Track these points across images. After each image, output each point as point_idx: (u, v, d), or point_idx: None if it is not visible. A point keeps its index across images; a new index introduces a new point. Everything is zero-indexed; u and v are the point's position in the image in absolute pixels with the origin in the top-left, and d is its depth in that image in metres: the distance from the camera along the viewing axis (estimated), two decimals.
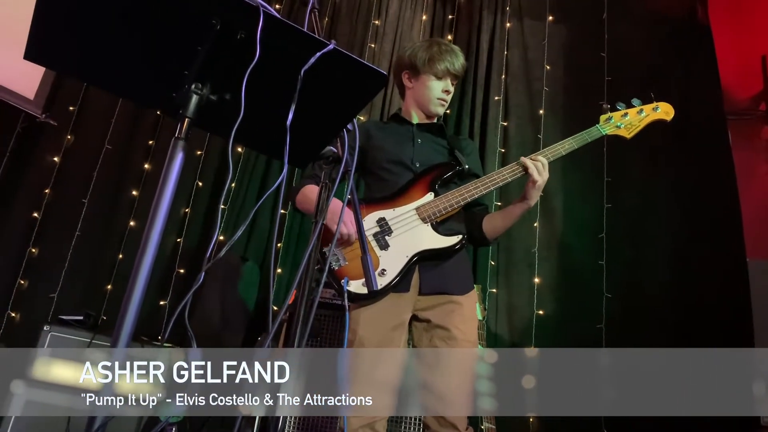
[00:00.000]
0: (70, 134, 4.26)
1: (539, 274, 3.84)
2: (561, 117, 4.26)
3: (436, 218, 2.22)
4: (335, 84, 1.24)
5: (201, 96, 1.24)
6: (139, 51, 1.21)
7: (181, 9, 1.12)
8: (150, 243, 1.16)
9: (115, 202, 4.13)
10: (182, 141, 1.20)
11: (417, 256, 2.17)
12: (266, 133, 1.31)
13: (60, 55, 1.22)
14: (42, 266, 3.94)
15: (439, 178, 2.30)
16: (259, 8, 1.11)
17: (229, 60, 1.20)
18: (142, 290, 1.11)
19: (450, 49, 2.45)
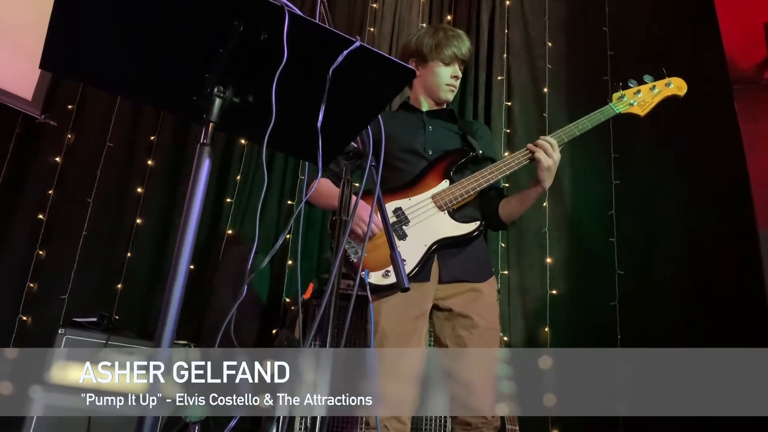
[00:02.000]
0: (70, 133, 4.21)
1: (551, 254, 3.83)
2: (565, 94, 4.22)
3: (453, 205, 2.20)
4: (361, 81, 1.21)
5: (224, 99, 1.20)
6: (159, 56, 1.18)
7: (203, 12, 1.09)
8: (184, 248, 1.19)
9: (121, 200, 4.10)
10: (207, 146, 1.17)
11: (436, 245, 2.16)
12: (291, 134, 1.28)
13: (77, 64, 1.19)
14: (51, 268, 3.91)
15: (454, 164, 2.29)
16: (283, 8, 1.07)
17: (252, 61, 1.17)
18: (180, 295, 1.13)
19: (456, 34, 2.43)
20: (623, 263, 3.69)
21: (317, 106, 1.20)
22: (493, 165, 2.24)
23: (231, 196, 4.08)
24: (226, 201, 4.06)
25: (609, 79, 4.14)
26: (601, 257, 3.73)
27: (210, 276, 3.87)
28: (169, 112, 3.84)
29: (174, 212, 4.05)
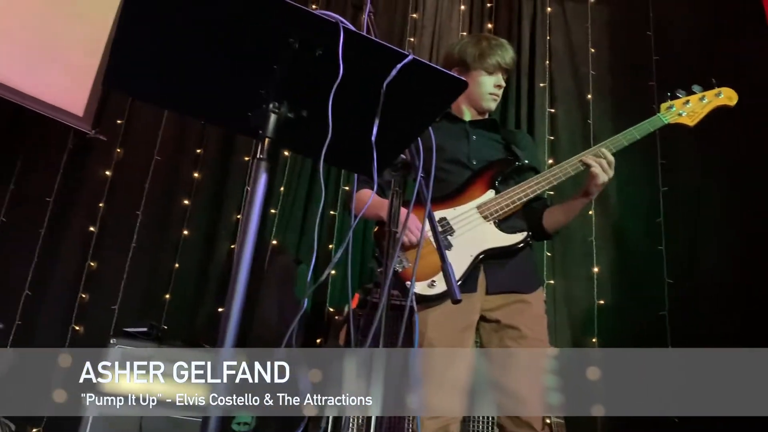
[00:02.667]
0: (119, 148, 4.32)
1: (598, 263, 3.77)
2: (610, 100, 4.18)
3: (499, 216, 2.18)
4: (413, 93, 1.21)
5: (279, 115, 1.22)
6: (216, 74, 1.20)
7: (259, 30, 1.11)
8: (243, 260, 1.20)
9: (168, 212, 4.18)
10: (265, 161, 1.19)
11: (482, 255, 2.14)
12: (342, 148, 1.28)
13: (138, 83, 1.22)
14: (101, 279, 4.01)
15: (499, 174, 2.26)
16: (338, 24, 1.08)
17: (306, 77, 1.18)
18: (240, 307, 1.13)
19: (499, 43, 2.41)
20: (672, 272, 3.62)
21: (369, 119, 1.21)
22: (540, 175, 2.21)
23: (275, 207, 4.13)
24: (270, 212, 4.11)
25: (654, 84, 4.08)
26: (649, 266, 3.66)
27: (255, 286, 3.92)
28: (223, 127, 3.91)
29: (220, 224, 4.11)
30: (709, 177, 3.74)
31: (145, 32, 1.11)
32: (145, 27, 1.10)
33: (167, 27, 1.11)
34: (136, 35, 1.12)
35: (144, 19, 1.09)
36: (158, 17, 1.09)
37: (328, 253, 4.01)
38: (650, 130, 2.27)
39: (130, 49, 1.14)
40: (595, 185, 2.11)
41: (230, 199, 4.19)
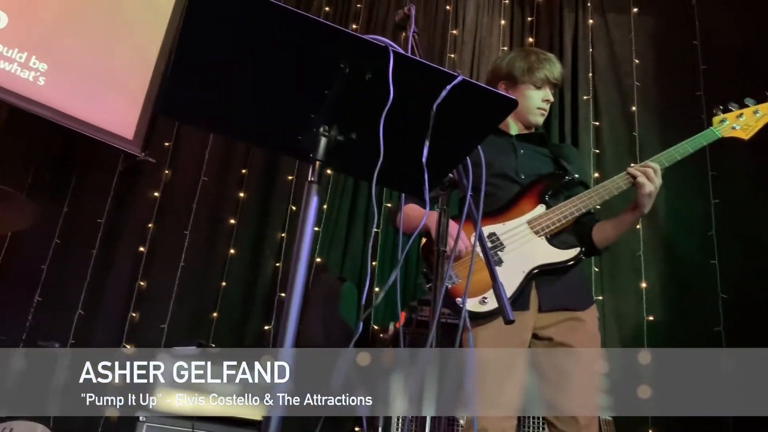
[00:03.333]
0: (167, 169, 4.43)
1: (646, 278, 3.69)
2: (656, 111, 4.11)
3: (551, 231, 2.15)
4: (463, 113, 1.21)
5: (329, 138, 1.23)
6: (268, 100, 1.23)
7: (311, 56, 1.13)
8: (296, 282, 1.20)
9: (215, 232, 4.25)
10: (316, 184, 1.20)
11: (535, 271, 2.10)
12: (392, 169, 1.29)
13: (192, 110, 1.25)
14: (151, 298, 4.09)
15: (549, 189, 2.23)
16: (388, 49, 1.09)
17: (356, 100, 1.20)
18: (295, 325, 1.16)
19: (548, 57, 2.39)
20: (727, 286, 3.52)
21: (419, 140, 1.21)
22: (592, 190, 2.18)
23: (318, 225, 4.16)
24: (314, 230, 4.13)
25: (702, 94, 3.99)
26: (701, 280, 3.57)
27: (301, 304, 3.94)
28: (273, 150, 3.97)
29: (265, 242, 4.17)
30: (762, 187, 3.63)
31: (200, 61, 1.15)
32: (201, 56, 1.14)
33: (222, 56, 1.14)
34: (192, 64, 1.15)
35: (199, 48, 1.12)
36: (213, 46, 1.12)
37: (372, 271, 4.02)
38: (703, 144, 2.22)
39: (184, 78, 1.18)
40: (642, 196, 2.08)
41: (274, 217, 4.25)
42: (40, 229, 3.87)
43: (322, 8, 4.83)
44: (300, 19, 1.06)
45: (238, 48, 1.12)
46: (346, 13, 4.82)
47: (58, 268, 4.20)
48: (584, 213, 2.21)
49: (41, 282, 4.15)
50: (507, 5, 4.62)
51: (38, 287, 4.12)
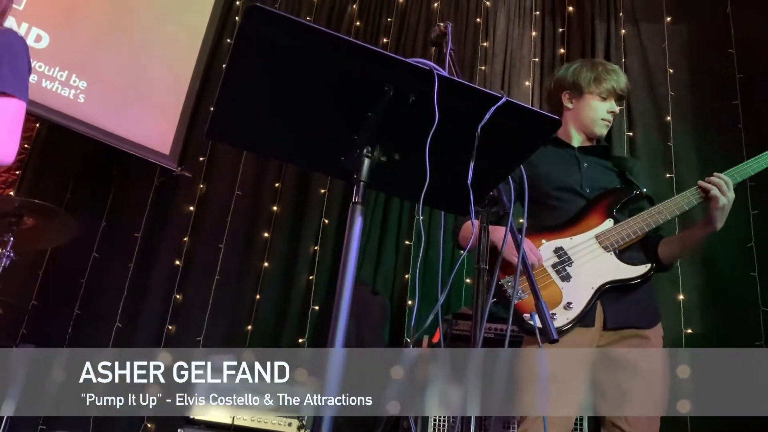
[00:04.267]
0: (202, 183, 4.50)
1: (684, 290, 3.62)
2: (691, 121, 4.05)
3: (620, 246, 2.08)
4: (507, 133, 1.22)
5: (372, 159, 1.25)
6: (313, 122, 1.25)
7: (357, 80, 1.14)
8: (343, 303, 1.26)
9: (249, 245, 4.30)
10: (360, 206, 1.22)
11: (606, 286, 2.04)
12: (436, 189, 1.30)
13: (239, 133, 1.28)
14: (187, 311, 4.15)
15: (617, 203, 2.17)
16: (432, 72, 1.11)
17: (399, 122, 1.21)
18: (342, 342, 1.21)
19: (614, 68, 2.35)
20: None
21: (462, 160, 1.22)
22: (661, 205, 2.11)
23: None
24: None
25: (739, 103, 3.93)
26: (741, 293, 3.50)
27: None
28: (315, 171, 4.00)
29: (298, 255, 4.20)
30: None
31: (247, 87, 1.17)
32: (248, 82, 1.16)
33: (268, 81, 1.16)
34: (239, 90, 1.18)
35: (247, 75, 1.15)
36: (260, 73, 1.14)
37: (404, 283, 4.02)
38: None
39: (232, 103, 1.20)
40: (715, 210, 2.02)
41: (308, 231, 4.27)
42: (79, 244, 3.95)
43: (353, 23, 4.87)
44: (346, 45, 1.09)
45: (284, 74, 1.14)
46: (376, 27, 4.86)
47: (96, 282, 4.29)
48: (653, 228, 2.16)
49: (80, 295, 4.24)
50: (538, 16, 4.61)
51: (78, 301, 4.21)
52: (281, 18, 1.04)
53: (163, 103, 4.37)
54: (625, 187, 2.22)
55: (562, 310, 2.01)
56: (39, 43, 3.94)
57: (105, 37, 4.23)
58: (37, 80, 3.86)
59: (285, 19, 1.04)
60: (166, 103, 4.38)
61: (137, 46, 4.34)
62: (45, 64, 3.92)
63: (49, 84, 3.91)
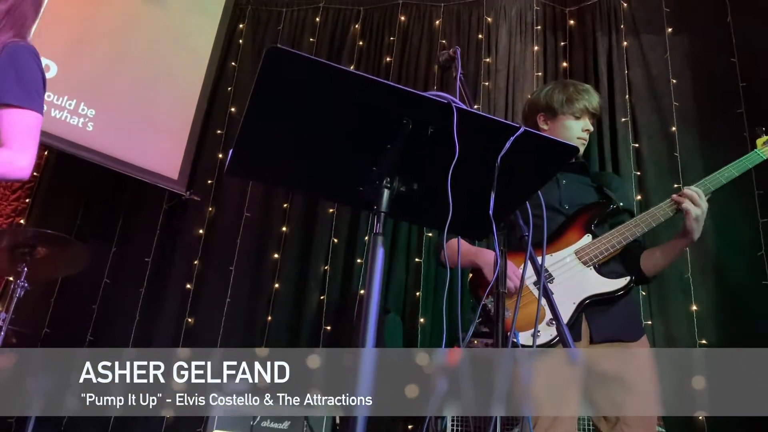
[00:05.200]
0: (211, 206, 4.53)
1: (696, 301, 3.62)
2: (697, 131, 4.06)
3: (599, 260, 2.15)
4: (524, 161, 1.23)
5: (391, 190, 1.27)
6: (333, 155, 1.27)
7: (376, 114, 1.16)
8: (369, 331, 1.23)
9: (259, 267, 4.32)
10: (381, 236, 1.23)
11: (586, 302, 2.10)
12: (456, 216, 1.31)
13: (260, 168, 1.30)
14: (199, 334, 4.16)
15: (595, 218, 2.24)
16: (450, 105, 1.13)
17: (418, 153, 1.23)
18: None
19: (585, 88, 2.41)
20: None
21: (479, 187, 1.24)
22: (638, 217, 2.18)
23: (361, 257, 4.19)
24: (356, 261, 4.18)
25: (743, 111, 3.95)
26: (754, 302, 3.49)
27: (347, 336, 3.97)
28: (333, 201, 4.03)
29: (309, 276, 4.21)
30: None
31: (268, 125, 1.20)
32: (269, 120, 1.18)
33: (289, 118, 1.18)
34: (260, 127, 1.20)
35: (268, 113, 1.17)
36: (281, 111, 1.16)
37: (416, 301, 4.02)
38: (749, 166, 2.21)
39: (253, 140, 1.22)
40: (690, 221, 2.07)
41: (317, 251, 4.29)
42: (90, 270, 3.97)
43: (356, 43, 4.91)
44: (365, 82, 1.11)
45: (304, 110, 1.17)
46: (379, 46, 4.90)
47: (108, 308, 4.31)
48: (631, 241, 2.20)
49: (93, 322, 4.26)
50: (539, 31, 4.64)
51: (90, 327, 4.23)
52: (301, 58, 1.06)
53: (171, 128, 4.40)
54: (602, 202, 2.27)
55: (546, 327, 2.06)
56: (48, 72, 3.96)
57: (112, 65, 4.27)
58: (47, 110, 3.90)
59: (305, 59, 1.06)
60: (174, 128, 4.41)
61: (144, 73, 4.38)
62: (54, 94, 3.96)
63: (58, 113, 3.94)
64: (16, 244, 3.09)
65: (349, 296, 4.11)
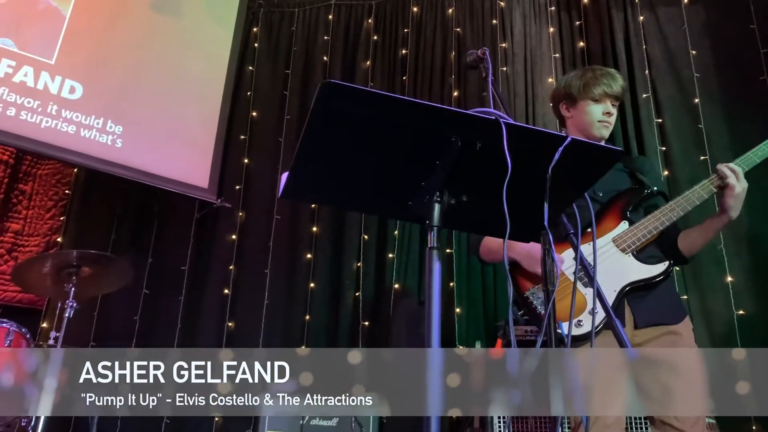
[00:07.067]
0: (241, 211, 4.60)
1: (731, 272, 3.63)
2: (720, 101, 4.04)
3: (637, 247, 2.16)
4: (570, 167, 1.26)
5: (442, 203, 1.31)
6: (383, 174, 1.31)
7: (426, 134, 1.20)
8: (433, 337, 1.27)
9: (294, 268, 4.39)
10: (437, 250, 1.28)
11: (627, 288, 2.12)
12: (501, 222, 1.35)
13: (313, 191, 1.35)
14: (240, 338, 4.25)
15: (630, 204, 2.25)
16: (498, 121, 1.16)
17: (467, 167, 1.27)
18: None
19: (605, 72, 2.40)
20: None
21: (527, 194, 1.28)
22: (673, 201, 2.18)
23: (392, 251, 4.24)
24: (388, 256, 4.23)
25: (766, 78, 3.93)
26: None
27: (384, 330, 4.04)
28: (385, 217, 4.06)
29: (342, 274, 4.27)
30: None
31: (321, 152, 1.24)
32: (322, 148, 1.23)
33: (341, 145, 1.23)
34: (314, 155, 1.25)
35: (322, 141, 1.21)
36: (334, 138, 1.21)
37: (450, 291, 4.06)
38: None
39: (307, 167, 1.27)
40: (730, 197, 2.07)
41: (349, 248, 4.34)
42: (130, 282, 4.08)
43: (371, 38, 4.93)
44: (414, 107, 1.15)
45: (356, 137, 1.21)
46: (393, 39, 4.92)
47: (149, 318, 4.41)
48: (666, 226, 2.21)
49: (135, 333, 4.36)
50: (553, 12, 4.62)
51: (134, 337, 4.34)
52: (353, 90, 1.10)
53: (197, 137, 4.47)
54: (636, 188, 2.28)
55: (587, 316, 2.08)
56: (73, 94, 4.07)
57: (134, 80, 4.34)
58: (76, 130, 3.99)
59: (356, 91, 1.11)
60: (200, 137, 4.48)
61: (165, 85, 4.45)
62: (81, 114, 4.04)
63: (87, 132, 4.02)
64: (61, 266, 3.18)
65: (383, 291, 4.17)
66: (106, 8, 4.37)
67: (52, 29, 4.11)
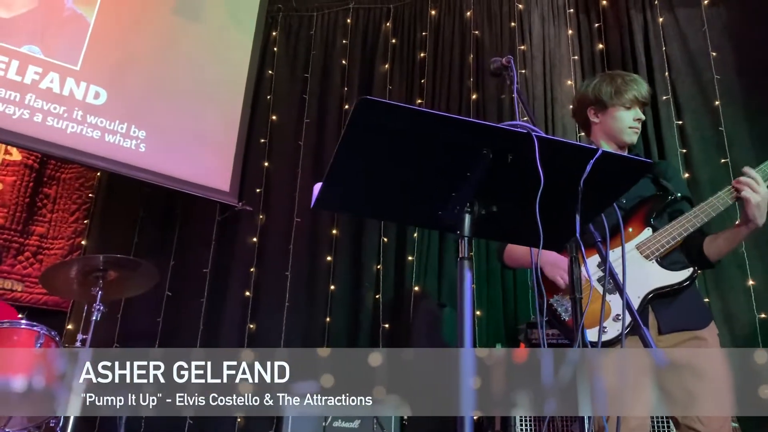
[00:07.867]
0: (261, 214, 4.65)
1: (752, 275, 3.62)
2: (741, 102, 4.02)
3: (661, 254, 2.17)
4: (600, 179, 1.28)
5: (472, 214, 1.34)
6: (415, 186, 1.34)
7: (458, 147, 1.23)
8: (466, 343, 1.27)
9: (314, 270, 4.43)
10: (468, 260, 1.31)
11: (651, 295, 2.14)
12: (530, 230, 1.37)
13: (346, 202, 1.39)
14: (261, 339, 4.30)
15: (653, 211, 2.25)
16: (531, 134, 1.19)
17: (497, 179, 1.29)
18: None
19: (633, 78, 2.41)
20: None
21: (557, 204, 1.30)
22: (697, 208, 2.18)
23: (411, 254, 4.26)
24: (408, 259, 4.26)
25: None
26: None
27: (404, 333, 4.07)
28: (416, 225, 4.08)
29: (362, 276, 4.30)
30: None
31: (356, 165, 1.27)
32: (357, 161, 1.26)
33: (376, 158, 1.26)
34: (348, 168, 1.28)
35: (356, 155, 1.25)
36: (369, 152, 1.24)
37: None
38: None
39: (341, 179, 1.30)
40: (750, 209, 2.07)
41: (368, 251, 4.38)
42: None
43: (389, 41, 4.96)
44: (447, 121, 1.18)
45: (391, 151, 1.24)
46: (412, 42, 4.94)
47: (172, 320, 4.47)
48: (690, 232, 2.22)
49: (158, 334, 4.43)
50: (572, 14, 4.62)
51: (157, 339, 4.40)
52: (389, 106, 1.13)
53: (219, 141, 4.53)
54: (660, 194, 2.27)
55: (612, 323, 2.10)
56: (98, 99, 4.13)
57: (157, 85, 4.41)
58: (101, 135, 4.05)
59: (392, 107, 1.14)
60: (221, 141, 4.54)
61: (188, 89, 4.51)
62: (106, 119, 4.10)
63: (111, 137, 4.09)
64: (87, 270, 3.24)
65: (403, 293, 4.20)
66: (129, 14, 4.43)
67: (77, 36, 4.19)
